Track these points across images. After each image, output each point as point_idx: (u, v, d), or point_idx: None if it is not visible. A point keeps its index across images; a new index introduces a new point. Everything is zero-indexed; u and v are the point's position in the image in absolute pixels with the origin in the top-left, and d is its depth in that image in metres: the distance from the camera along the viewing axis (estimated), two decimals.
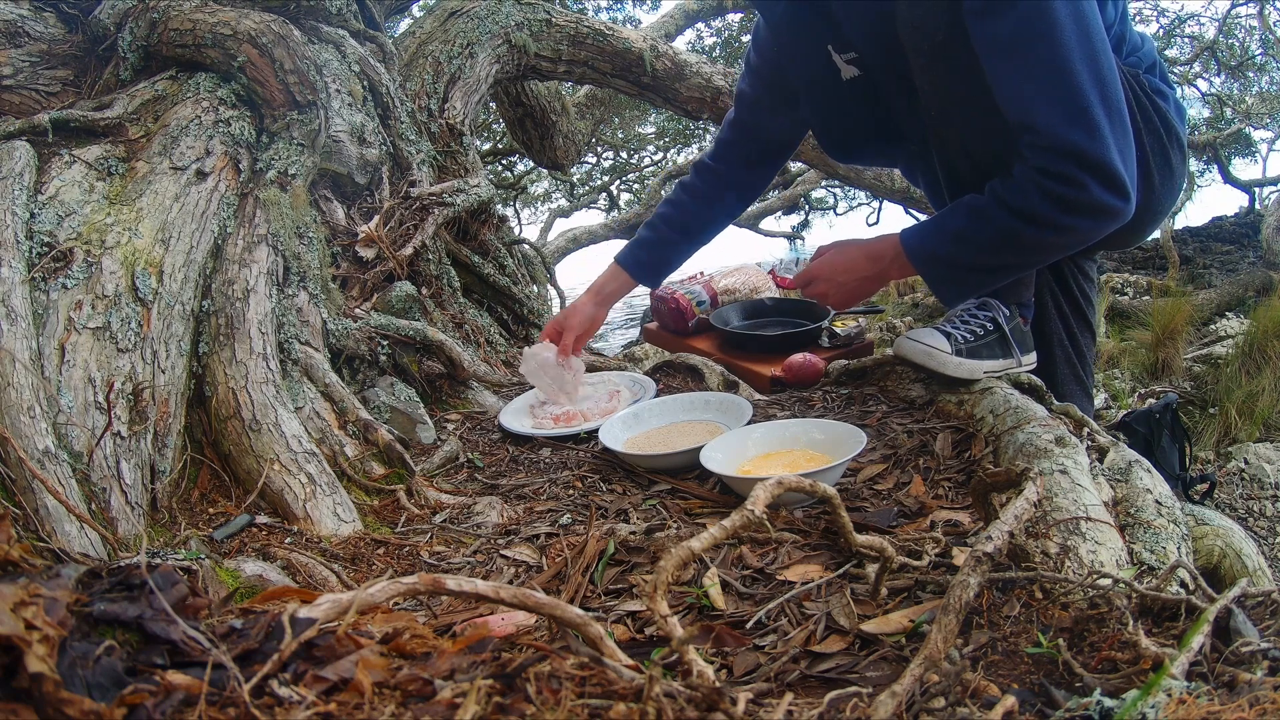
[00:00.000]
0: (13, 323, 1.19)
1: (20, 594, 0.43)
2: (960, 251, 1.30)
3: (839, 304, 1.48)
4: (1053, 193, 1.16)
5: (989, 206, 1.24)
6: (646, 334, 2.42)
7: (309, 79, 1.80)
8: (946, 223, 1.32)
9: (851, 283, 1.44)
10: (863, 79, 1.46)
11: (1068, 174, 1.15)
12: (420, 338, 1.77)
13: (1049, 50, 1.12)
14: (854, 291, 1.45)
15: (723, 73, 3.10)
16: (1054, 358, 1.63)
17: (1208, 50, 8.65)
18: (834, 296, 1.47)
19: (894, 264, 1.39)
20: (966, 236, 1.28)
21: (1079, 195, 1.16)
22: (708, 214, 1.77)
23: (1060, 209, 1.17)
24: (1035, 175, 1.17)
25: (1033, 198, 1.18)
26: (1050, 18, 1.11)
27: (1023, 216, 1.20)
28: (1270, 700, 0.54)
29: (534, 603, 0.59)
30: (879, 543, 0.80)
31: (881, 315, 5.51)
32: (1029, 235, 1.22)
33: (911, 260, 1.35)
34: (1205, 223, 9.06)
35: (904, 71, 1.34)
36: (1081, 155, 1.13)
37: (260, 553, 1.17)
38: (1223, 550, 0.99)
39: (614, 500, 1.28)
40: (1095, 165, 1.14)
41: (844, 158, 1.65)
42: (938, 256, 1.33)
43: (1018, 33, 1.13)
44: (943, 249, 1.32)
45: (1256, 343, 4.01)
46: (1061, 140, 1.14)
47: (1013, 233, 1.23)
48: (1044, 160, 1.16)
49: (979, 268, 1.32)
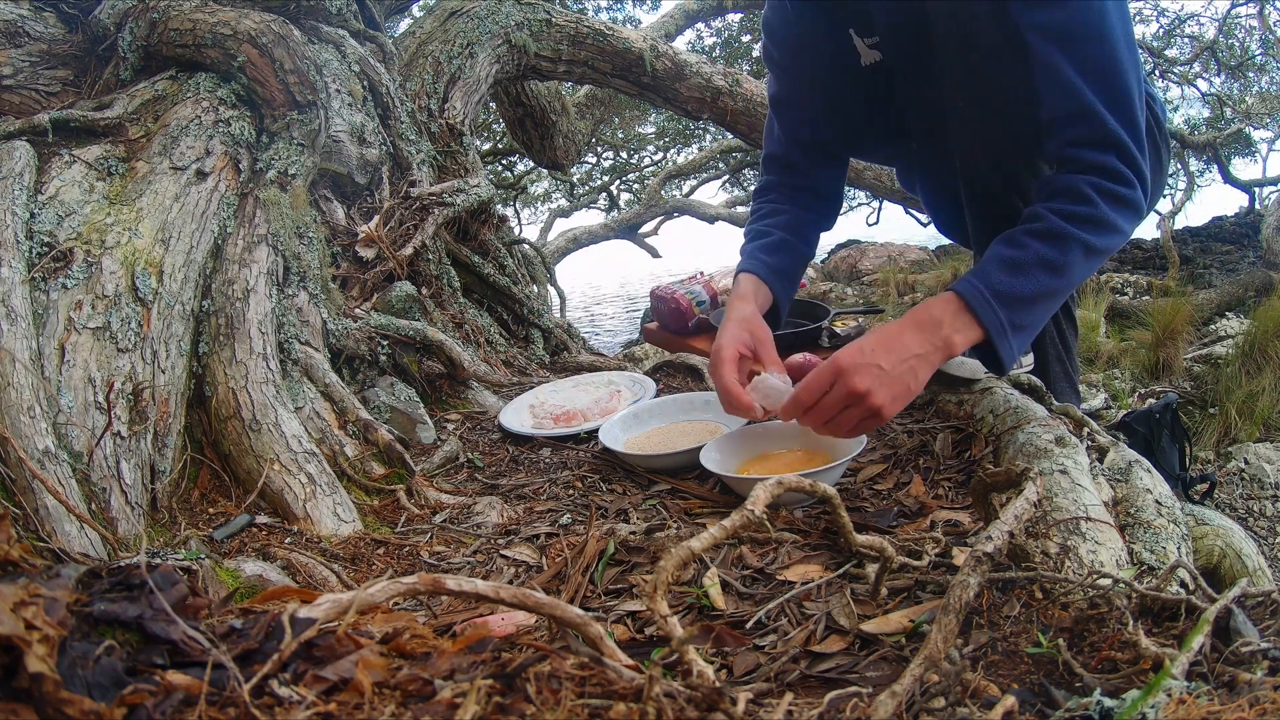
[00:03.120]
0: (13, 323, 1.19)
1: (20, 594, 0.43)
2: (1049, 284, 1.12)
3: (888, 402, 1.06)
4: (1110, 192, 1.12)
5: (1059, 225, 1.11)
6: (646, 334, 2.42)
7: (309, 79, 1.80)
8: (1014, 256, 1.12)
9: (900, 367, 1.07)
10: (881, 66, 1.41)
11: (1119, 170, 1.12)
12: (420, 338, 1.77)
13: (1102, 44, 1.11)
14: (904, 379, 1.07)
15: (723, 73, 3.10)
16: (1046, 355, 1.64)
17: (1208, 50, 8.65)
18: (879, 394, 1.05)
19: (953, 327, 1.11)
20: (1052, 262, 1.11)
21: (1130, 194, 1.13)
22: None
23: (1117, 208, 1.13)
24: (1090, 176, 1.12)
25: (1096, 202, 1.11)
26: (1104, 12, 1.11)
27: (1091, 224, 1.11)
28: (1270, 700, 0.54)
29: (534, 603, 0.59)
30: (879, 543, 0.80)
31: (881, 315, 5.51)
32: (1098, 243, 1.12)
33: (982, 312, 1.10)
34: (1205, 223, 9.06)
35: (923, 65, 1.32)
36: (1127, 152, 1.12)
37: (260, 553, 1.17)
38: (1223, 550, 0.99)
39: (614, 500, 1.28)
40: (1136, 163, 1.13)
41: (848, 149, 1.63)
42: (1020, 298, 1.11)
43: (1072, 22, 1.11)
44: (1027, 287, 1.11)
45: (1256, 343, 4.01)
46: (1115, 134, 1.11)
47: (1086, 245, 1.11)
48: (1094, 156, 1.12)
49: (1054, 298, 1.16)
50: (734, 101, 3.08)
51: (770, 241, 1.45)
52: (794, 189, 1.55)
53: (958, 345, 1.11)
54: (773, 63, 1.54)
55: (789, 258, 1.46)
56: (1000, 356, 1.13)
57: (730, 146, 8.99)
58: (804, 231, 1.52)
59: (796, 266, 1.48)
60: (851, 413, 1.07)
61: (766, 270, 1.41)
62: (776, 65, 1.53)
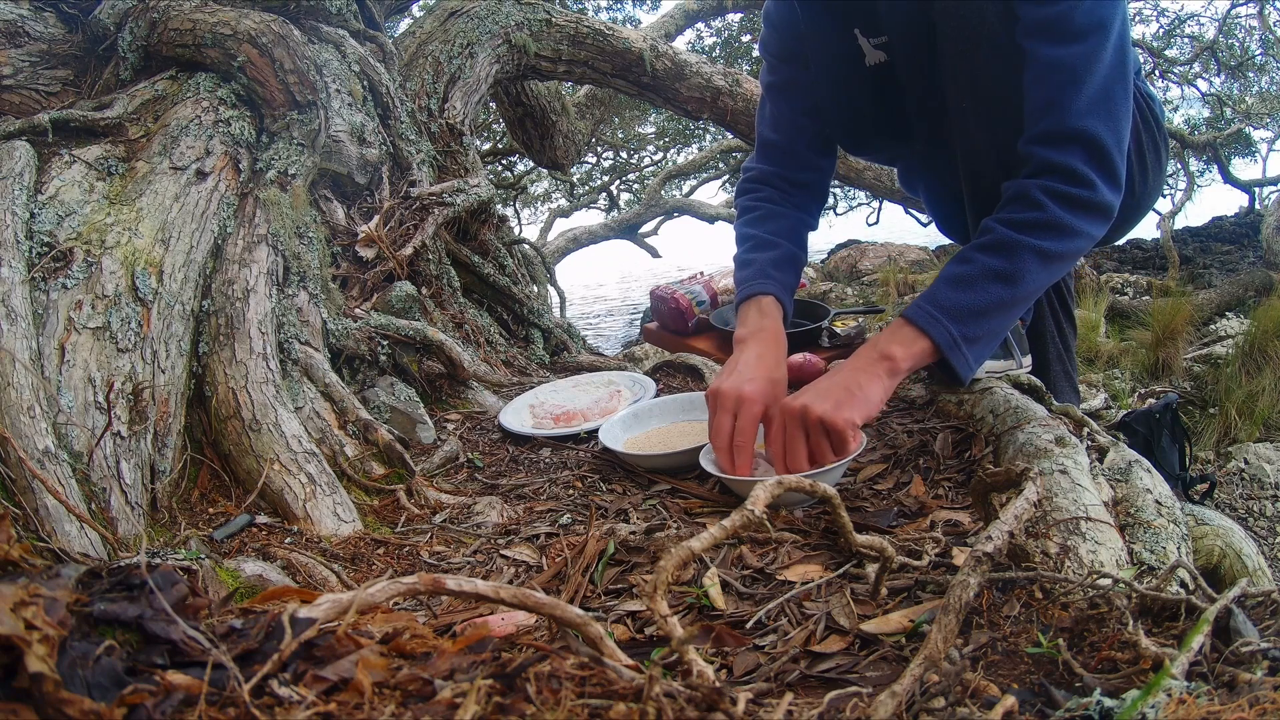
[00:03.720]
0: (13, 323, 1.19)
1: (20, 594, 0.43)
2: (1000, 294, 1.13)
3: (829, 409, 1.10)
4: (1061, 194, 1.12)
5: (1006, 235, 1.13)
6: (646, 334, 2.42)
7: (309, 79, 1.80)
8: (960, 271, 1.15)
9: (835, 380, 1.14)
10: (886, 67, 1.40)
11: (1074, 171, 1.12)
12: (420, 338, 1.77)
13: (1085, 40, 1.11)
14: (843, 386, 1.12)
15: (723, 73, 3.10)
16: (1047, 355, 1.63)
17: (1208, 50, 8.65)
18: (816, 404, 1.10)
19: (892, 340, 1.16)
20: (1001, 272, 1.12)
21: (1086, 194, 1.13)
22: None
23: (1071, 211, 1.13)
24: (1042, 179, 1.13)
25: (1046, 205, 1.12)
26: (1095, 12, 1.11)
27: (1041, 229, 1.12)
28: (1270, 700, 0.54)
29: (534, 603, 0.59)
30: (879, 543, 0.80)
31: (881, 315, 5.51)
32: (1054, 248, 1.13)
33: (926, 325, 1.14)
34: (1205, 223, 9.07)
35: (930, 65, 1.32)
36: (1094, 147, 1.12)
37: (260, 553, 1.17)
38: (1223, 550, 0.99)
39: (614, 500, 1.28)
40: (1103, 159, 1.12)
41: (850, 148, 1.62)
42: (970, 310, 1.14)
43: (1061, 19, 1.12)
44: (976, 300, 1.13)
45: (1256, 343, 4.01)
46: (1079, 129, 1.11)
47: (1039, 251, 1.12)
48: (1051, 155, 1.12)
49: (1011, 308, 1.17)
50: (734, 101, 3.08)
51: (779, 256, 1.45)
52: (790, 184, 1.54)
53: (898, 356, 1.14)
54: (773, 55, 1.52)
55: (795, 271, 1.47)
56: (955, 367, 1.16)
57: (730, 146, 8.99)
58: (802, 237, 1.53)
59: (799, 276, 1.50)
60: (801, 434, 1.11)
61: (781, 289, 1.42)
62: (777, 57, 1.52)
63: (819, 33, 1.43)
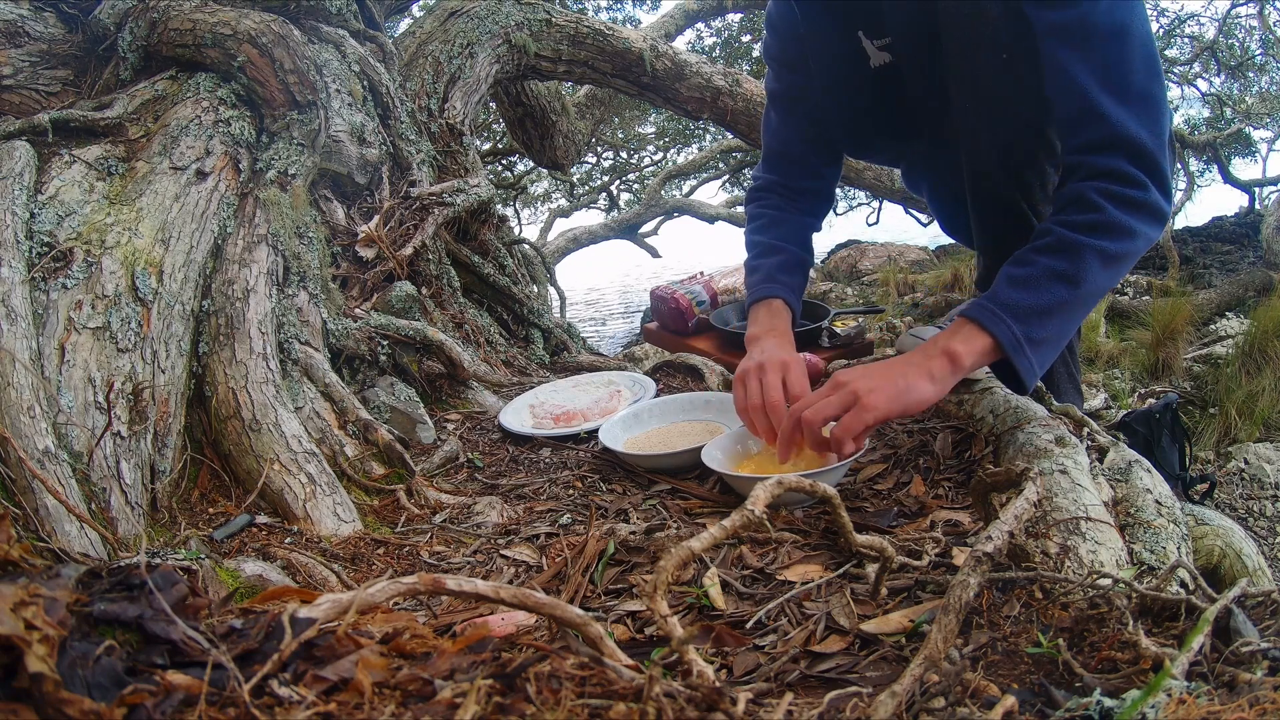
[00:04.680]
0: (13, 323, 1.19)
1: (20, 594, 0.43)
2: (1064, 295, 1.10)
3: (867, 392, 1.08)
4: (1118, 196, 1.10)
5: (1069, 236, 1.09)
6: (646, 334, 2.42)
7: (309, 79, 1.80)
8: (1022, 273, 1.12)
9: (891, 370, 1.11)
10: (890, 68, 1.40)
11: (1126, 173, 1.10)
12: (420, 338, 1.77)
13: (1114, 43, 1.09)
14: (893, 379, 1.09)
15: (723, 73, 3.10)
16: None
17: (1208, 50, 8.65)
18: (861, 385, 1.08)
19: (954, 338, 1.12)
20: (1064, 274, 1.09)
21: (1141, 195, 1.10)
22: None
23: (1128, 212, 1.10)
24: (1096, 182, 1.11)
25: (1104, 208, 1.09)
26: (1117, 11, 1.10)
27: (1102, 230, 1.09)
28: (1270, 700, 0.54)
29: (534, 603, 0.59)
30: (879, 543, 0.80)
31: (882, 315, 5.51)
32: (1114, 248, 1.10)
33: (989, 323, 1.10)
34: (1205, 223, 9.06)
35: (933, 66, 1.31)
36: (1139, 151, 1.10)
37: (260, 553, 1.17)
38: (1223, 550, 0.99)
39: (614, 500, 1.28)
40: (1150, 162, 1.11)
41: (853, 150, 1.62)
42: (1033, 310, 1.10)
43: (1084, 22, 1.10)
44: (1039, 300, 1.09)
45: (1256, 343, 4.01)
46: (1123, 135, 1.09)
47: (1101, 252, 1.09)
48: (1100, 161, 1.10)
49: (1074, 309, 1.13)
50: (734, 101, 3.08)
51: (786, 260, 1.49)
52: (795, 191, 1.56)
53: (960, 353, 1.10)
54: (776, 60, 1.53)
55: (802, 275, 1.51)
56: (1019, 370, 1.12)
57: (730, 146, 8.99)
58: (807, 241, 1.56)
59: (806, 279, 1.53)
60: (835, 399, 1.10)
61: (789, 293, 1.45)
62: (780, 63, 1.52)
63: (819, 34, 1.43)
